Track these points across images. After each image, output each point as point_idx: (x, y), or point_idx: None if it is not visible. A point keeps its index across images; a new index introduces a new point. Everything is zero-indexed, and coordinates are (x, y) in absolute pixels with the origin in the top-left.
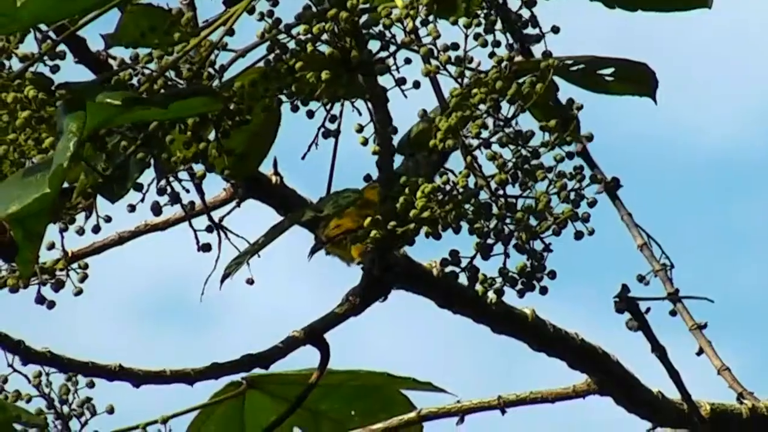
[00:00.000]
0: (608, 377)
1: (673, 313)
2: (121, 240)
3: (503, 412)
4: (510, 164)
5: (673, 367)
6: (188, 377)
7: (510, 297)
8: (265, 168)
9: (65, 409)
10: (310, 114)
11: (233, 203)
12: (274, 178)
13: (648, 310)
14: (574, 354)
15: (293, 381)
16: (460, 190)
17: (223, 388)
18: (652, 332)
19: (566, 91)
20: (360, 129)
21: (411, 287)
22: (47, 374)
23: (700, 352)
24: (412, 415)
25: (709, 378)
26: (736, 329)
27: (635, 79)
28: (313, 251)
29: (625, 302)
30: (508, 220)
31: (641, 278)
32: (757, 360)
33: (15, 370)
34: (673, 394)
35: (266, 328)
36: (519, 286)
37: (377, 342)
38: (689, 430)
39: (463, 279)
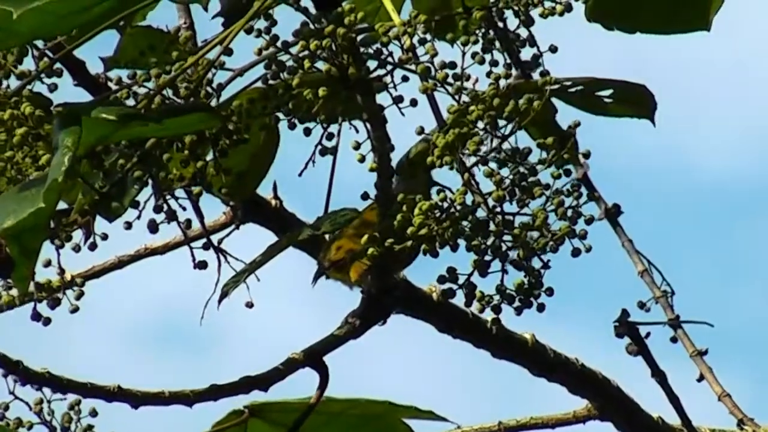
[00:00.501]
0: (608, 402)
1: (674, 339)
2: (120, 264)
3: None
4: (507, 181)
5: (674, 392)
6: (187, 399)
7: (511, 322)
8: (265, 192)
9: None
10: (307, 132)
11: (232, 226)
12: (273, 202)
13: (648, 334)
14: (575, 379)
15: (295, 409)
16: (458, 207)
17: (225, 416)
18: (652, 357)
19: (565, 112)
20: (357, 146)
21: (411, 311)
22: (49, 402)
23: (701, 378)
24: None
25: (710, 404)
26: (737, 355)
27: (634, 100)
28: (316, 277)
29: (625, 327)
30: (505, 237)
31: (642, 305)
32: (758, 386)
33: (17, 398)
34: (673, 419)
35: (268, 355)
36: (516, 303)
37: (376, 367)
38: None
39: (460, 296)
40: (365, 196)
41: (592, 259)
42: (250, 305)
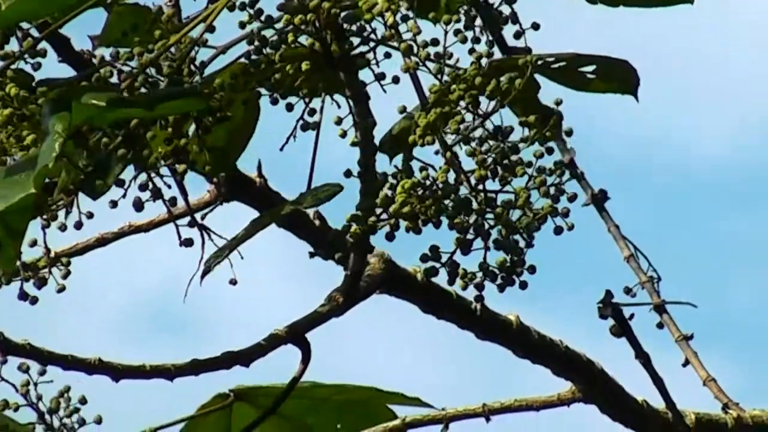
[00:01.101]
0: (593, 385)
1: (660, 325)
2: (104, 241)
3: (488, 419)
4: (489, 159)
5: (657, 375)
6: (168, 373)
7: (495, 304)
8: (250, 169)
9: (55, 420)
10: (290, 107)
11: (216, 203)
12: (258, 180)
13: (632, 316)
14: (559, 361)
15: (280, 393)
16: (440, 185)
17: (210, 400)
18: (636, 338)
19: (548, 89)
20: (339, 121)
21: (395, 292)
22: (35, 384)
23: (686, 363)
24: (397, 422)
25: (695, 389)
26: (722, 341)
27: (616, 76)
28: None
29: (609, 308)
30: (488, 215)
31: (628, 290)
32: (744, 371)
33: (2, 379)
34: (658, 403)
35: (258, 334)
36: (499, 281)
37: (359, 346)
38: None
39: (443, 276)
40: (348, 174)
41: (578, 244)
42: (233, 282)
